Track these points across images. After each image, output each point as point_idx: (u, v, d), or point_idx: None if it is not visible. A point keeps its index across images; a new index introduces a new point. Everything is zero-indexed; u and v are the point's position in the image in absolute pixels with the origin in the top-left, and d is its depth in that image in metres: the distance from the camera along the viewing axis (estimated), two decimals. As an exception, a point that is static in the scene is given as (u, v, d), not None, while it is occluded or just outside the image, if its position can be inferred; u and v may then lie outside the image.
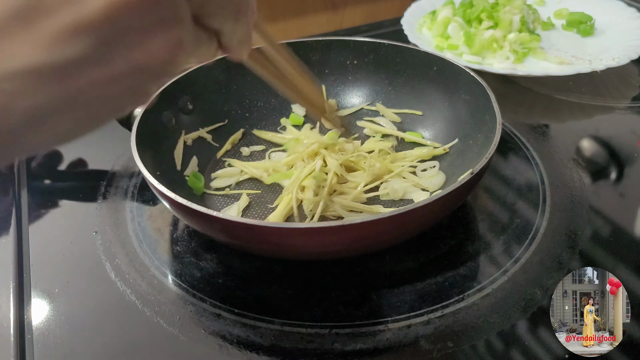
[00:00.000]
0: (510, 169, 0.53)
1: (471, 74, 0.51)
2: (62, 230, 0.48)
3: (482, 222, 0.47)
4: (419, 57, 0.57)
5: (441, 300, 0.40)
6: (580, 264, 0.42)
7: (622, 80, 0.69)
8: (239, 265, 0.43)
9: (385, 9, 0.96)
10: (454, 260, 0.43)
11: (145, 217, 0.49)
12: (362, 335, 0.37)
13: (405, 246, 0.44)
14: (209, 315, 0.39)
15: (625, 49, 0.69)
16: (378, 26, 0.87)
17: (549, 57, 0.71)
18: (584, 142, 0.58)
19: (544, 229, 0.45)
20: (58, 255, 0.45)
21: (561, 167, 0.53)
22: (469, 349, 0.36)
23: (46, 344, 0.38)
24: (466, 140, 0.52)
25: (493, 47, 0.71)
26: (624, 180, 0.53)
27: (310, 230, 0.36)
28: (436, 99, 0.56)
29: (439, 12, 0.78)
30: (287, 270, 0.43)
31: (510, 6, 0.74)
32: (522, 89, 0.68)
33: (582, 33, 0.78)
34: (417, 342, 0.37)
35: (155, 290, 0.41)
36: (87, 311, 0.40)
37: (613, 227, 0.46)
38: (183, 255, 0.45)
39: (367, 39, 0.59)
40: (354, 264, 0.43)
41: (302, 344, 0.37)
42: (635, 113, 0.63)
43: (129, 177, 0.54)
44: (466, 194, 0.43)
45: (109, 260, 0.44)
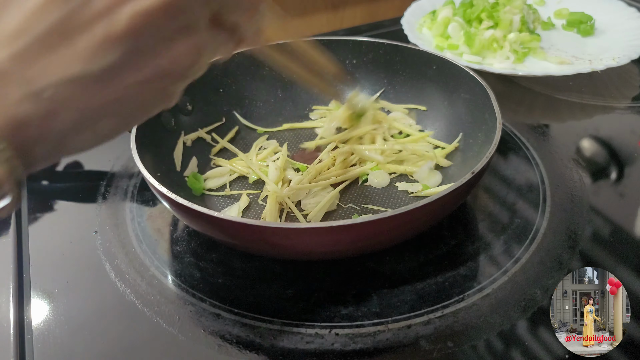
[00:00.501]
0: (510, 169, 0.53)
1: (471, 73, 0.51)
2: (62, 230, 0.48)
3: (482, 222, 0.47)
4: (419, 56, 0.57)
5: (441, 300, 0.40)
6: (580, 264, 0.42)
7: (622, 80, 0.69)
8: (239, 265, 0.43)
9: (385, 9, 0.95)
10: (454, 260, 0.43)
11: (145, 217, 0.49)
12: (362, 335, 0.37)
13: (405, 246, 0.44)
14: (208, 315, 0.39)
15: (626, 49, 0.69)
16: (378, 26, 0.87)
17: (549, 57, 0.71)
18: (584, 142, 0.58)
19: (544, 229, 0.45)
20: (58, 256, 0.45)
21: (561, 167, 0.53)
22: (469, 349, 0.36)
23: (46, 344, 0.38)
24: (466, 140, 0.52)
25: (493, 47, 0.71)
26: (624, 180, 0.53)
27: (310, 231, 0.36)
28: (436, 99, 0.56)
29: (439, 12, 0.78)
30: (287, 270, 0.43)
31: (511, 6, 0.74)
32: (522, 88, 0.68)
33: (582, 33, 0.78)
34: (417, 342, 0.37)
35: (155, 290, 0.41)
36: (87, 311, 0.40)
37: (613, 227, 0.46)
38: (183, 255, 0.45)
39: (366, 38, 0.59)
40: (354, 264, 0.43)
41: (302, 344, 0.37)
42: (635, 113, 0.63)
43: (128, 177, 0.54)
44: (466, 194, 0.43)
45: (109, 261, 0.44)
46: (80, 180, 0.56)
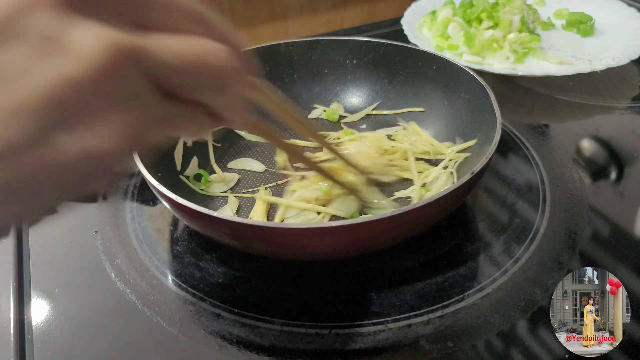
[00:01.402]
0: (510, 169, 0.53)
1: (471, 73, 0.51)
2: (62, 230, 0.48)
3: (482, 222, 0.47)
4: (419, 56, 0.57)
5: (441, 300, 0.40)
6: (580, 264, 0.42)
7: (622, 80, 0.69)
8: (239, 265, 0.43)
9: (385, 9, 0.96)
10: (454, 260, 0.43)
11: (145, 217, 0.49)
12: (362, 335, 0.37)
13: (405, 246, 0.44)
14: (208, 315, 0.39)
15: (625, 49, 0.69)
16: (378, 26, 0.87)
17: (549, 57, 0.71)
18: (584, 142, 0.58)
19: (544, 229, 0.45)
20: (58, 255, 0.45)
21: (561, 167, 0.53)
22: (469, 349, 0.36)
23: (46, 344, 0.38)
24: (466, 140, 0.52)
25: (493, 47, 0.71)
26: (624, 180, 0.53)
27: (310, 231, 0.36)
28: (436, 99, 0.56)
29: (439, 12, 0.78)
30: (287, 270, 0.43)
31: (510, 6, 0.74)
32: (522, 89, 0.68)
33: (582, 33, 0.78)
34: (417, 342, 0.37)
35: (155, 290, 0.41)
36: (87, 311, 0.40)
37: (613, 227, 0.46)
38: (183, 255, 0.45)
39: (366, 38, 0.59)
40: (354, 264, 0.43)
41: (302, 344, 0.37)
42: (635, 113, 0.63)
43: (128, 177, 0.54)
44: (466, 194, 0.43)
45: (109, 260, 0.44)
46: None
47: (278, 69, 0.60)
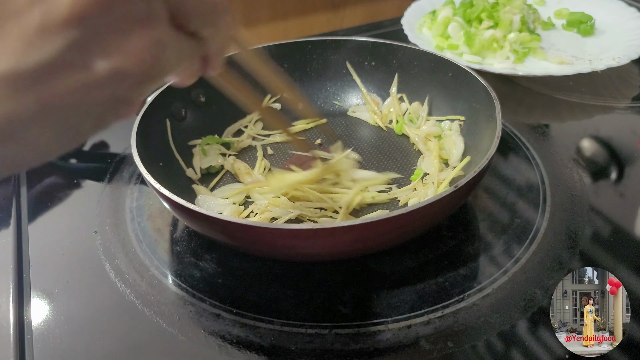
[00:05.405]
0: (510, 169, 0.53)
1: (471, 73, 0.51)
2: (62, 230, 0.48)
3: (482, 222, 0.47)
4: (419, 56, 0.57)
5: (441, 301, 0.40)
6: (580, 264, 0.42)
7: (622, 80, 0.69)
8: (239, 265, 0.43)
9: (385, 9, 0.95)
10: (454, 260, 0.43)
11: (145, 217, 0.49)
12: (362, 335, 0.37)
13: (406, 246, 0.43)
14: (208, 316, 0.39)
15: (626, 49, 0.69)
16: (378, 26, 0.87)
17: (549, 57, 0.71)
18: (584, 142, 0.58)
19: (544, 229, 0.45)
20: (58, 255, 0.45)
21: (561, 167, 0.53)
22: (469, 349, 0.36)
23: (46, 344, 0.38)
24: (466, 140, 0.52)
25: (493, 47, 0.71)
26: (624, 180, 0.53)
27: (310, 232, 0.36)
28: (436, 98, 0.56)
29: (439, 12, 0.78)
30: (287, 270, 0.43)
31: (511, 6, 0.74)
32: (522, 89, 0.68)
33: (582, 33, 0.78)
34: (417, 342, 0.37)
35: (155, 291, 0.41)
36: (86, 311, 0.40)
37: (613, 227, 0.46)
38: (183, 255, 0.45)
39: (366, 38, 0.59)
40: (354, 264, 0.43)
41: (302, 344, 0.37)
42: (635, 113, 0.63)
43: (128, 176, 0.54)
44: (467, 194, 0.43)
45: (109, 261, 0.44)
46: (79, 180, 0.56)
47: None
